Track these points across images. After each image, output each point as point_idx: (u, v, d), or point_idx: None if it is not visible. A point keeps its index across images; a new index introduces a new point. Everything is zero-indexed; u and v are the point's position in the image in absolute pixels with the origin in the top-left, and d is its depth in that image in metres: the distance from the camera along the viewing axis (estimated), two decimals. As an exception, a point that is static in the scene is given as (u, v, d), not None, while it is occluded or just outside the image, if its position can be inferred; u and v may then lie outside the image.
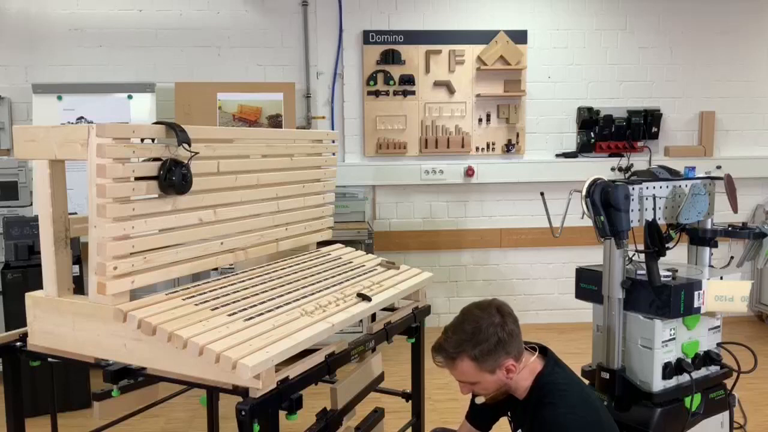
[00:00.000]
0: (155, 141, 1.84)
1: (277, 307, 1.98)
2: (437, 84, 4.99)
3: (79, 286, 2.94)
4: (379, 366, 2.42)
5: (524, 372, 1.85)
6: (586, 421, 1.75)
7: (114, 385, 1.95)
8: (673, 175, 2.60)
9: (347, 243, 2.97)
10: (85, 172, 1.73)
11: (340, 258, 2.68)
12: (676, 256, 2.51)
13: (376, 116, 4.98)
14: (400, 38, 4.94)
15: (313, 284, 2.27)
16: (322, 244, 2.81)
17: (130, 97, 4.50)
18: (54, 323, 1.89)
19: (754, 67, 5.28)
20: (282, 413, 1.71)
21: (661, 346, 2.30)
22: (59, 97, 4.40)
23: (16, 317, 3.25)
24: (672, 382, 2.35)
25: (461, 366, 1.82)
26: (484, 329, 1.78)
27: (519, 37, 5.01)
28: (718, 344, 2.51)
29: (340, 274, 2.44)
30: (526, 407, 1.87)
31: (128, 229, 1.76)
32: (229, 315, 1.85)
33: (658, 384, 2.31)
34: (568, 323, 5.17)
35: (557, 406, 1.77)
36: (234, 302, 1.96)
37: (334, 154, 2.82)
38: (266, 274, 2.31)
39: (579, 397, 1.81)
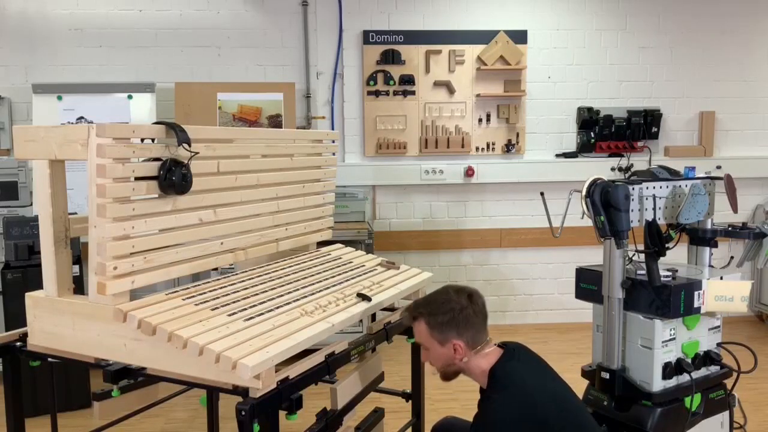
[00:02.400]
0: (155, 141, 1.84)
1: (277, 307, 1.98)
2: (437, 84, 4.99)
3: (79, 286, 2.94)
4: (379, 366, 2.42)
5: (479, 360, 1.95)
6: (512, 417, 1.79)
7: (114, 385, 1.95)
8: (673, 175, 2.59)
9: (347, 243, 2.97)
10: (85, 172, 1.73)
11: (340, 258, 2.68)
12: (676, 256, 2.51)
13: (376, 116, 4.97)
14: (400, 38, 4.94)
15: (313, 284, 2.27)
16: (322, 244, 2.81)
17: (130, 97, 4.50)
18: (54, 323, 1.89)
19: (754, 67, 5.28)
20: (282, 413, 1.71)
21: (661, 346, 2.30)
22: (59, 97, 4.39)
23: (16, 317, 3.25)
24: (672, 382, 2.35)
25: (418, 327, 2.01)
26: (446, 305, 1.96)
27: (519, 37, 5.01)
28: (718, 344, 2.51)
29: (340, 274, 2.44)
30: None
31: (128, 229, 1.76)
32: (229, 315, 1.85)
33: (658, 384, 2.31)
34: (568, 323, 5.17)
35: (492, 400, 1.85)
36: (234, 302, 1.96)
37: (334, 154, 2.82)
38: (266, 274, 2.31)
39: (521, 393, 1.84)
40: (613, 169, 5.09)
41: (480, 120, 5.05)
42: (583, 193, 2.34)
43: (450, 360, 1.97)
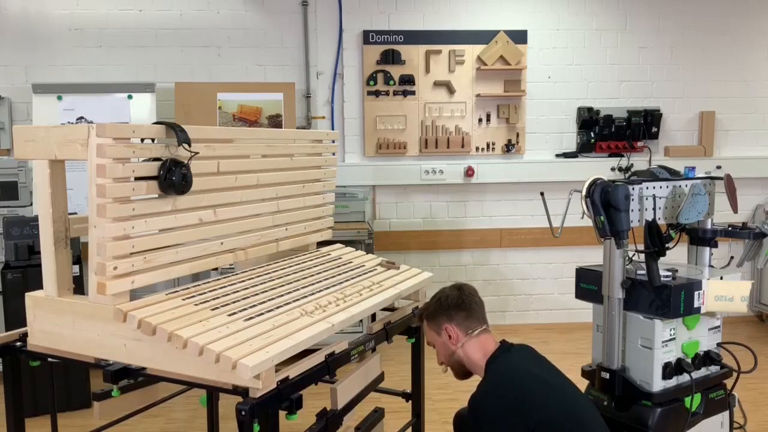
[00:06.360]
0: (155, 141, 1.84)
1: (277, 307, 1.98)
2: (437, 84, 4.99)
3: (79, 286, 2.94)
4: (379, 366, 2.42)
5: (475, 348, 2.01)
6: (497, 402, 1.83)
7: (114, 385, 1.95)
8: (673, 175, 2.59)
9: (347, 243, 2.97)
10: (85, 172, 1.73)
11: (340, 258, 2.68)
12: (676, 256, 2.51)
13: (376, 116, 4.97)
14: (400, 38, 4.94)
15: (313, 284, 2.27)
16: (322, 244, 2.81)
17: (130, 97, 4.50)
18: (54, 323, 1.89)
19: (754, 67, 5.28)
20: (282, 413, 1.71)
21: (661, 346, 2.30)
22: (59, 97, 4.39)
23: (16, 317, 3.25)
24: (672, 382, 2.35)
25: (425, 327, 2.13)
26: (436, 297, 2.11)
27: (519, 37, 5.01)
28: (718, 344, 2.51)
29: (340, 274, 2.44)
30: None
31: (128, 229, 1.76)
32: (229, 315, 1.85)
33: (658, 384, 2.31)
34: (568, 323, 5.17)
35: (480, 389, 1.91)
36: (234, 302, 1.96)
37: (334, 154, 2.82)
38: (266, 274, 2.31)
39: (509, 382, 1.88)
40: (613, 169, 5.09)
41: (480, 120, 5.05)
42: (583, 193, 2.34)
43: (448, 348, 2.03)
